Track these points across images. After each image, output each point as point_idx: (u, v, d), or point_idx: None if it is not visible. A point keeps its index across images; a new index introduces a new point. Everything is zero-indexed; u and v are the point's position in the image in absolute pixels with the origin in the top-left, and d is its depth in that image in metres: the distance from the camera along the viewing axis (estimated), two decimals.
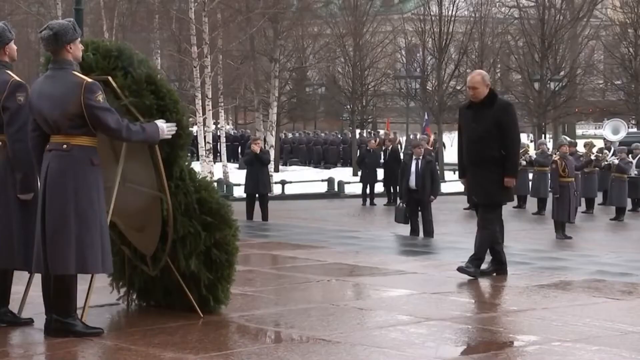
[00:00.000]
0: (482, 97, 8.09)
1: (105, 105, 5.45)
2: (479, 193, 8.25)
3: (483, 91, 8.10)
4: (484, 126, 8.02)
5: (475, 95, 8.11)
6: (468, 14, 40.55)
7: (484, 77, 8.21)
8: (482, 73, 8.36)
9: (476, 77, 8.15)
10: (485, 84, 8.13)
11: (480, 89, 8.09)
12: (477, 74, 8.29)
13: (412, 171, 15.14)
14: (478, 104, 8.13)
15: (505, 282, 8.35)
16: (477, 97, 8.12)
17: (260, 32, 32.52)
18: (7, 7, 35.00)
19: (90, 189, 5.48)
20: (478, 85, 8.09)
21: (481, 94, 8.09)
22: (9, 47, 5.89)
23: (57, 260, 5.43)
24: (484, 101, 8.08)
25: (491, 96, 8.14)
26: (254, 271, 8.73)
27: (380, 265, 9.33)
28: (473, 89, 8.11)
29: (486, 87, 8.12)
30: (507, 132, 8.03)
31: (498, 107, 8.10)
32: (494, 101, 8.13)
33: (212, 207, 6.19)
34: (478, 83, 8.09)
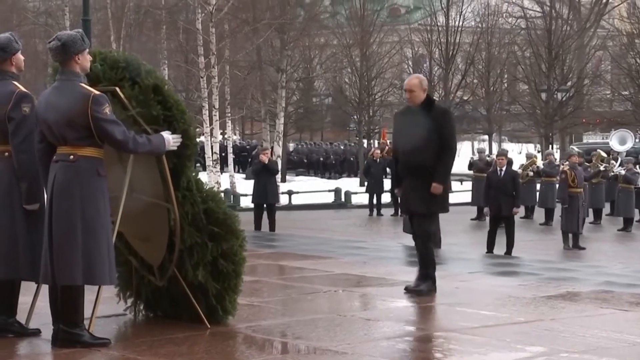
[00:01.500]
0: (419, 101, 7.79)
1: (112, 117, 5.46)
2: (417, 203, 7.87)
3: (419, 95, 7.80)
4: (421, 132, 7.70)
5: (412, 99, 7.82)
6: (475, 25, 40.63)
7: (422, 81, 7.92)
8: (420, 77, 8.05)
9: (413, 80, 7.89)
10: (422, 89, 7.83)
11: (417, 92, 7.79)
12: (415, 77, 8.02)
13: None
14: (415, 109, 7.82)
15: (512, 293, 8.32)
16: (414, 101, 7.80)
17: (267, 42, 32.58)
18: (15, 18, 35.15)
19: (97, 199, 5.49)
20: (415, 89, 7.79)
21: (417, 98, 7.80)
22: (15, 58, 5.91)
23: (64, 271, 5.44)
24: (421, 107, 7.80)
25: (428, 102, 7.85)
26: (261, 281, 8.73)
27: (387, 276, 9.31)
28: (409, 92, 7.83)
29: (423, 91, 7.82)
30: (443, 138, 7.71)
31: (436, 113, 7.82)
32: (431, 107, 7.85)
33: (219, 217, 6.19)
34: (415, 86, 7.80)
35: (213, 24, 27.79)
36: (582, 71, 40.38)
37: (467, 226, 21.41)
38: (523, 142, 54.92)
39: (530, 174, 23.32)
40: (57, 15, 36.00)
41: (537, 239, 19.25)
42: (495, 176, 15.24)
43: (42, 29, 36.56)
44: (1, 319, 5.84)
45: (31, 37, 36.19)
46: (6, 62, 5.87)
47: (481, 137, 51.47)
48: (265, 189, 17.36)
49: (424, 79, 8.00)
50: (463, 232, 20.05)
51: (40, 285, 5.85)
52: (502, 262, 12.15)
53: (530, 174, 23.32)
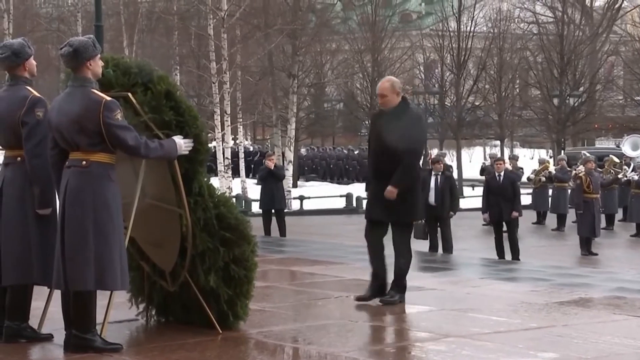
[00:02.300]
0: (392, 105, 7.50)
1: (123, 123, 5.47)
2: (381, 210, 7.59)
3: (393, 99, 7.51)
4: (392, 137, 7.41)
5: (384, 103, 7.54)
6: (487, 30, 40.55)
7: (394, 84, 7.59)
8: (392, 80, 7.71)
9: (385, 84, 7.58)
10: (395, 92, 7.52)
11: (390, 96, 7.50)
12: (387, 80, 7.68)
13: (431, 187, 15.09)
14: (388, 113, 7.52)
15: (524, 299, 8.30)
16: (386, 105, 7.52)
17: (279, 48, 32.63)
18: (28, 24, 35.34)
19: (109, 204, 5.50)
20: (386, 93, 7.51)
21: (390, 102, 7.51)
22: (28, 63, 5.93)
23: (76, 277, 5.45)
24: (394, 111, 7.50)
25: (402, 105, 7.54)
26: (272, 287, 8.73)
27: None
28: (381, 97, 7.57)
29: (396, 95, 7.51)
30: (409, 142, 7.42)
31: (408, 117, 7.51)
32: (404, 111, 7.53)
33: (231, 222, 6.20)
34: (386, 90, 7.52)
35: (225, 30, 27.85)
36: (594, 76, 40.27)
37: (478, 231, 21.36)
38: (535, 147, 54.83)
39: (542, 179, 23.26)
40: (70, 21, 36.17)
41: (549, 244, 19.19)
42: (494, 181, 15.21)
43: (54, 35, 36.73)
44: (14, 324, 5.85)
45: (44, 42, 36.39)
46: (19, 67, 5.90)
47: (493, 143, 51.34)
48: (272, 194, 17.33)
49: (396, 81, 7.71)
50: (475, 237, 20.00)
51: (52, 290, 5.86)
52: (513, 268, 12.12)
53: (542, 179, 23.26)
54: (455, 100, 38.38)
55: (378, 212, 7.62)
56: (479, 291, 8.81)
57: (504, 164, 15.75)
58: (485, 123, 41.13)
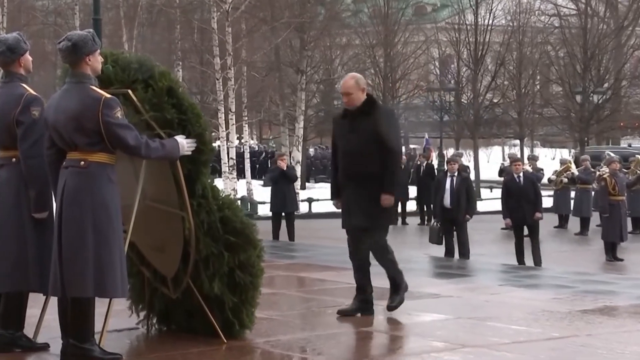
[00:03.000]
0: (358, 103, 7.41)
1: (123, 122, 5.49)
2: (359, 215, 7.45)
3: (358, 97, 7.42)
4: (363, 137, 7.33)
5: (350, 101, 7.43)
6: (505, 23, 40.50)
7: (358, 80, 7.50)
8: (356, 76, 7.58)
9: (349, 82, 7.47)
10: (360, 89, 7.44)
11: (355, 94, 7.41)
12: (351, 77, 7.57)
13: (447, 189, 15.10)
14: (355, 112, 7.43)
15: (546, 307, 8.29)
16: (352, 104, 7.42)
17: (286, 42, 32.66)
18: (23, 17, 35.44)
19: (109, 207, 5.51)
20: (351, 91, 7.41)
21: (356, 100, 7.42)
22: (24, 59, 5.96)
23: (74, 283, 5.46)
24: (361, 108, 7.42)
25: (369, 102, 7.46)
26: (279, 294, 8.74)
27: (413, 289, 9.27)
28: (346, 95, 7.45)
29: (361, 92, 7.45)
30: (386, 142, 7.33)
31: (378, 114, 7.43)
32: (372, 108, 7.45)
33: (236, 226, 6.21)
34: (351, 88, 7.41)
35: (229, 23, 27.89)
36: (619, 72, 40.16)
37: (497, 236, 21.34)
38: (556, 147, 54.72)
39: (564, 180, 23.19)
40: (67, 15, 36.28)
41: (572, 249, 19.16)
42: (514, 184, 15.16)
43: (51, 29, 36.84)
44: (8, 333, 5.87)
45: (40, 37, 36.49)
46: (14, 63, 5.92)
47: (512, 142, 51.31)
48: (284, 197, 17.35)
49: (360, 77, 7.59)
50: (493, 242, 19.99)
51: (49, 298, 5.88)
52: (534, 274, 12.10)
53: (564, 180, 23.19)
54: (472, 97, 38.35)
55: (358, 219, 7.48)
56: (497, 299, 8.80)
57: (522, 165, 15.73)
58: (503, 121, 41.09)
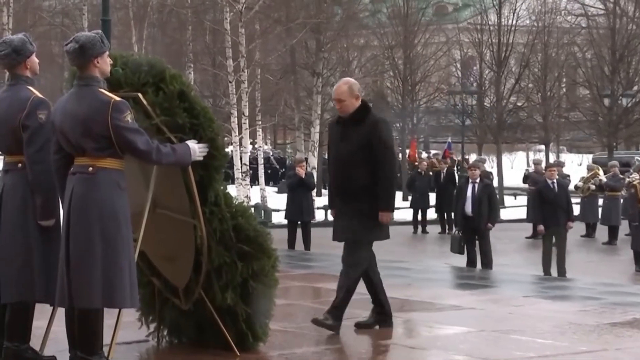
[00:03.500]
0: (351, 110, 7.30)
1: (133, 126, 5.50)
2: (344, 228, 7.32)
3: (351, 104, 7.30)
4: (352, 147, 7.22)
5: (342, 108, 7.32)
6: (530, 23, 40.45)
7: (352, 86, 7.37)
8: (350, 82, 7.45)
9: (342, 87, 7.35)
10: (354, 96, 7.32)
11: (348, 101, 7.29)
12: (344, 83, 7.44)
13: (468, 196, 15.07)
14: (347, 119, 7.32)
15: (573, 320, 8.25)
16: (345, 111, 7.30)
17: (302, 43, 32.71)
18: (30, 18, 35.63)
19: (118, 215, 5.52)
20: (344, 97, 7.29)
21: (349, 107, 7.30)
22: (30, 61, 5.97)
23: (82, 293, 5.47)
24: (353, 116, 7.30)
25: (362, 110, 7.33)
26: (294, 305, 8.73)
27: (433, 300, 9.28)
28: (339, 102, 7.34)
29: (355, 98, 7.32)
30: (377, 154, 7.18)
31: (369, 123, 7.27)
32: (365, 116, 7.31)
33: (250, 235, 6.22)
34: (344, 94, 7.30)
35: (242, 24, 27.96)
36: None
37: (521, 245, 21.29)
38: (583, 152, 54.57)
39: (592, 187, 23.08)
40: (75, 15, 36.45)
41: (600, 259, 19.08)
42: (549, 190, 15.11)
43: (58, 30, 37.03)
44: (14, 345, 5.88)
45: (47, 38, 36.69)
46: (20, 65, 5.93)
47: (537, 147, 51.19)
48: (301, 204, 17.33)
49: (354, 83, 7.48)
50: (517, 251, 19.94)
51: (55, 309, 5.89)
52: (560, 285, 12.06)
53: (592, 187, 23.08)
54: (495, 100, 38.29)
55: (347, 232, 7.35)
56: (522, 311, 8.77)
57: (557, 171, 15.68)
58: (528, 126, 41.01)
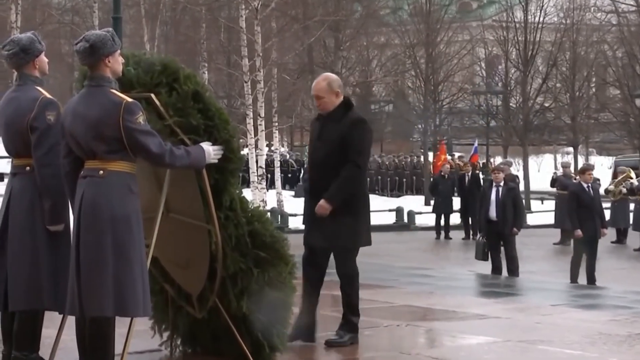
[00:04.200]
0: (331, 108, 7.15)
1: (146, 127, 5.51)
2: (318, 234, 7.17)
3: (331, 101, 7.15)
4: (328, 147, 7.09)
5: (322, 106, 7.19)
6: (558, 21, 40.34)
7: (331, 82, 7.21)
8: (329, 78, 7.30)
9: (320, 84, 7.20)
10: (334, 92, 7.16)
11: (327, 98, 7.15)
12: (323, 79, 7.28)
13: (492, 200, 15.04)
14: (326, 117, 7.20)
15: (603, 329, 8.22)
16: (325, 109, 7.17)
17: (320, 42, 32.75)
18: (38, 16, 35.78)
19: (130, 220, 5.53)
20: (322, 94, 7.15)
21: (329, 105, 7.15)
22: (39, 60, 5.99)
23: (93, 301, 5.48)
24: (331, 114, 7.16)
25: (343, 107, 7.19)
26: None
27: (457, 308, 9.27)
28: (317, 99, 7.21)
29: (335, 95, 7.16)
30: (349, 155, 7.02)
31: (347, 121, 7.12)
32: (343, 115, 7.15)
33: (266, 240, 6.22)
34: (322, 91, 7.16)
35: (258, 22, 28.02)
36: None
37: (549, 251, 21.22)
38: (614, 155, 54.32)
39: (623, 190, 22.96)
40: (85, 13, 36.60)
41: (631, 266, 19.00)
42: (586, 194, 15.03)
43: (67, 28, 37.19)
44: (22, 355, 5.90)
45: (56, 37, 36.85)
46: (29, 65, 5.96)
47: (565, 150, 50.99)
48: None
49: (334, 79, 7.31)
50: (544, 258, 19.88)
51: (65, 317, 5.91)
52: (590, 294, 12.03)
53: (623, 190, 22.96)
54: (521, 101, 38.18)
55: (316, 236, 7.22)
56: (550, 320, 8.75)
57: (592, 174, 15.64)
58: (556, 127, 40.89)
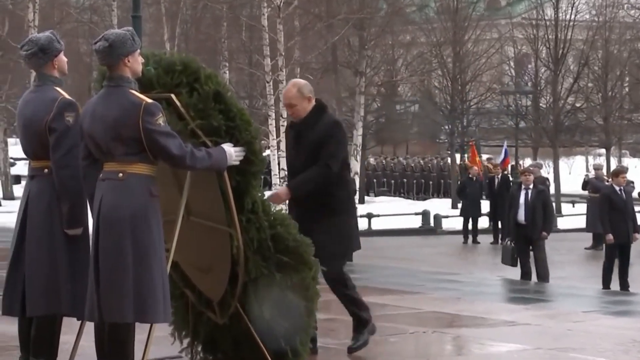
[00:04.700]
0: (304, 114, 7.07)
1: (166, 129, 5.53)
2: None
3: (304, 107, 7.07)
4: (304, 154, 7.03)
5: (295, 113, 7.12)
6: (590, 18, 40.15)
7: (301, 88, 7.10)
8: (299, 84, 7.18)
9: (291, 91, 7.09)
10: (305, 98, 7.07)
11: (299, 105, 7.06)
12: (292, 85, 7.17)
13: (521, 203, 15.00)
14: (300, 124, 7.12)
15: (637, 337, 8.17)
16: (298, 116, 7.09)
17: (344, 40, 32.71)
18: (56, 14, 35.92)
19: (150, 223, 5.54)
20: (295, 101, 7.05)
21: (301, 111, 7.07)
22: (58, 60, 6.01)
23: (112, 307, 5.49)
24: (305, 121, 7.07)
25: (316, 112, 7.10)
26: (336, 320, 8.72)
27: (485, 315, 9.24)
28: (289, 107, 7.16)
29: (307, 101, 7.08)
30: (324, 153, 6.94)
31: (321, 126, 7.04)
32: (317, 120, 7.07)
33: (289, 244, 6.22)
34: (294, 98, 7.05)
35: (281, 20, 28.02)
36: None
37: (580, 256, 21.13)
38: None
39: None
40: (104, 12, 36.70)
41: None
42: (618, 197, 14.97)
43: (86, 27, 37.31)
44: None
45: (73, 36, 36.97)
46: (48, 65, 5.97)
47: (597, 151, 50.76)
48: None
49: (304, 85, 7.19)
50: (575, 263, 19.80)
51: (84, 322, 5.93)
52: (623, 300, 11.97)
53: None
54: (552, 101, 38.03)
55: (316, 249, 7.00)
56: (581, 327, 8.71)
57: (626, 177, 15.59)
58: (587, 128, 40.70)
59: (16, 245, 5.96)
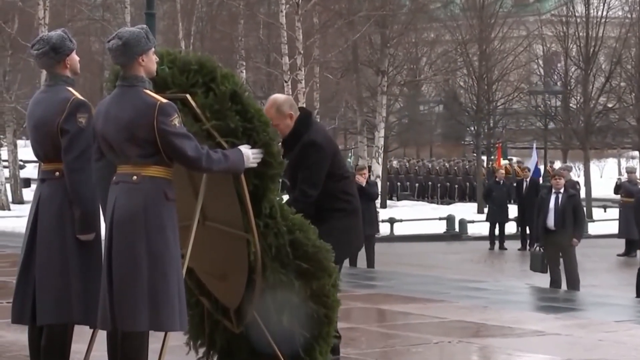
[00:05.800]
0: (287, 131, 6.91)
1: (182, 130, 5.54)
2: None
3: (286, 125, 6.91)
4: (288, 175, 6.84)
5: (280, 131, 6.77)
6: (622, 15, 40.02)
7: (279, 107, 6.92)
8: (277, 102, 6.97)
9: (269, 112, 6.77)
10: (285, 115, 6.92)
11: (281, 123, 6.88)
12: (270, 105, 6.95)
13: (551, 207, 14.97)
14: (284, 143, 6.83)
15: None
16: (283, 134, 6.85)
17: (365, 38, 32.74)
18: (67, 12, 36.06)
19: (165, 228, 5.56)
20: (276, 121, 6.75)
21: (285, 129, 6.90)
22: (70, 59, 6.02)
23: (126, 315, 5.51)
24: (287, 140, 6.89)
25: (295, 132, 6.94)
26: (358, 329, 8.74)
27: (513, 324, 9.23)
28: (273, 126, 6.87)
29: (288, 118, 6.94)
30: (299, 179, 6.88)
31: (297, 149, 6.90)
32: (297, 140, 6.93)
33: (308, 250, 6.22)
34: (275, 119, 6.74)
35: (299, 17, 28.08)
36: None
37: (612, 263, 21.06)
38: None
39: None
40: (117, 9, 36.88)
41: None
42: None
43: (98, 25, 37.48)
44: None
45: (85, 34, 37.13)
46: (59, 64, 5.99)
47: (630, 154, 50.59)
48: (363, 217, 17.32)
49: (282, 102, 7.00)
50: (607, 270, 19.74)
51: (96, 331, 5.95)
52: None
53: None
54: (582, 101, 37.91)
55: None
56: (614, 337, 8.69)
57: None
58: (620, 129, 40.54)
59: (26, 251, 5.98)
